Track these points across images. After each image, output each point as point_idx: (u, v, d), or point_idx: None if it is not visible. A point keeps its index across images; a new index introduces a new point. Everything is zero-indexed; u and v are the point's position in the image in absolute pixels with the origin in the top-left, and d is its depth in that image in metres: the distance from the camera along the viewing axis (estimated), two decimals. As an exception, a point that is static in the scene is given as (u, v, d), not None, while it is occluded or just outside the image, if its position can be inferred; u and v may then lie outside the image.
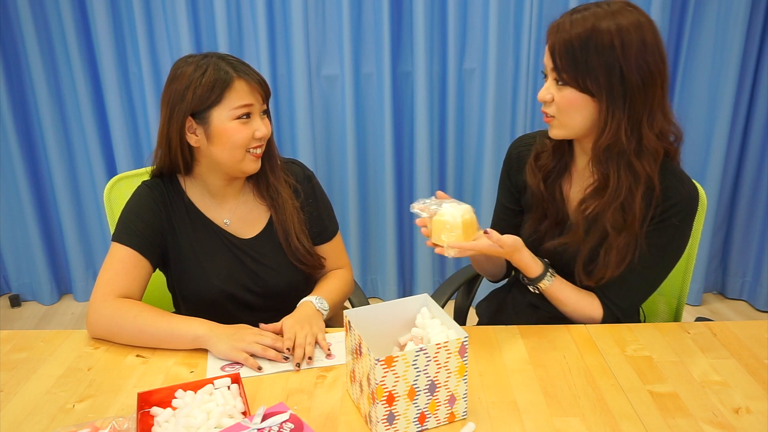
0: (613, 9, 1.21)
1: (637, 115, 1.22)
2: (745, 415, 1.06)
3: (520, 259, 1.32)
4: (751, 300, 2.90)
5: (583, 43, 1.19)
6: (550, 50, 1.23)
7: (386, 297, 2.94)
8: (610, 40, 1.18)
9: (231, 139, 1.29)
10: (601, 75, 1.20)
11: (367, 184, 2.81)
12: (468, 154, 2.76)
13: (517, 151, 1.46)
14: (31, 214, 2.84)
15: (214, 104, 1.28)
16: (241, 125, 1.29)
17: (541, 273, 1.34)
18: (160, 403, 1.05)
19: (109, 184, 1.60)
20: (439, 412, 1.03)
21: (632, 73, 1.19)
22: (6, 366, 1.22)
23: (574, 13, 1.22)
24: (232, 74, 1.28)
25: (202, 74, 1.27)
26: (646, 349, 1.25)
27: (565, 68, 1.22)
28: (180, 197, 1.39)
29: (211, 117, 1.28)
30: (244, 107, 1.29)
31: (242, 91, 1.28)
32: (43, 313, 2.95)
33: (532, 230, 1.41)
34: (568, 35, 1.20)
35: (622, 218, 1.27)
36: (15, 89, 2.71)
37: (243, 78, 1.29)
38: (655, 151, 1.24)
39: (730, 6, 2.47)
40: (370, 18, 2.57)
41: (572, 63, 1.21)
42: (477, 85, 2.65)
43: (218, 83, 1.27)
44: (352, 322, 1.04)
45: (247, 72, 1.30)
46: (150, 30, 2.61)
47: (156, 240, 1.35)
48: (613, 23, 1.18)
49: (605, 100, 1.21)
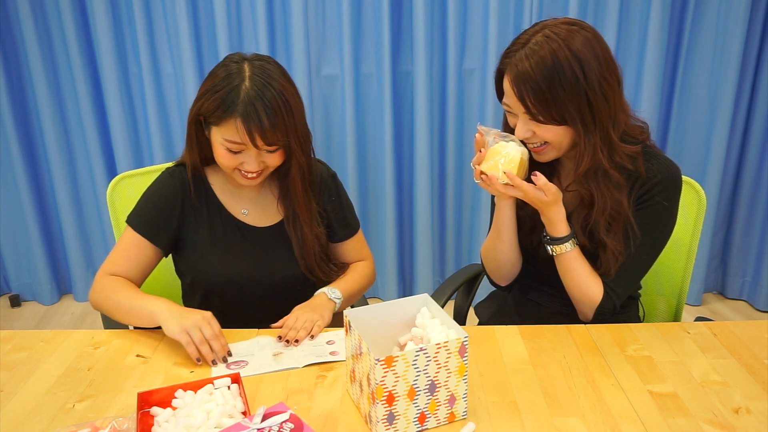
0: (561, 34, 1.20)
1: (605, 128, 1.24)
2: (745, 415, 1.06)
3: (556, 212, 1.30)
4: (751, 300, 2.90)
5: (549, 83, 1.19)
6: (518, 97, 1.22)
7: (386, 297, 2.94)
8: (571, 71, 1.19)
9: (218, 158, 1.32)
10: (571, 105, 1.21)
11: (367, 184, 2.81)
12: (468, 154, 2.75)
13: None
14: (31, 214, 2.84)
15: (214, 123, 1.28)
16: (229, 153, 1.28)
17: (567, 235, 1.32)
18: (160, 403, 1.05)
19: (111, 184, 1.60)
20: (439, 412, 1.03)
21: (596, 94, 1.21)
22: (6, 366, 1.22)
23: (526, 46, 1.22)
24: (236, 110, 1.23)
25: (220, 89, 1.25)
26: (646, 349, 1.25)
27: (540, 111, 1.22)
28: (202, 186, 1.42)
29: (211, 130, 1.31)
30: (232, 143, 1.26)
31: (233, 132, 1.25)
32: (43, 313, 2.95)
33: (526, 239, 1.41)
34: (533, 78, 1.20)
35: (612, 220, 1.29)
36: (15, 89, 2.70)
37: (242, 120, 1.23)
38: (623, 155, 1.26)
39: (730, 6, 2.47)
40: (370, 18, 2.57)
41: (544, 104, 1.21)
42: (477, 85, 2.65)
43: (220, 109, 1.25)
44: (352, 322, 1.04)
45: (252, 116, 1.23)
46: (150, 30, 2.61)
47: (167, 228, 1.39)
48: (569, 52, 1.19)
49: (579, 128, 1.23)
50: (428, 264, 2.85)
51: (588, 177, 1.27)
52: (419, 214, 2.78)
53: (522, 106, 1.23)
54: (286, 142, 1.29)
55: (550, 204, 1.28)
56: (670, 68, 2.63)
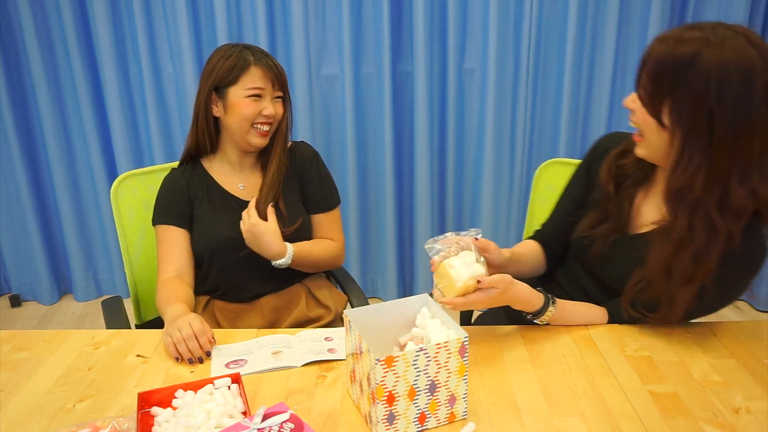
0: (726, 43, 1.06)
1: (723, 166, 1.10)
2: (745, 415, 1.06)
3: (518, 291, 1.22)
4: (751, 300, 2.90)
5: (676, 68, 1.07)
6: (640, 65, 1.13)
7: (386, 297, 2.94)
8: (705, 76, 1.05)
9: (241, 112, 1.48)
10: (684, 110, 1.09)
11: (367, 184, 2.81)
12: (468, 154, 2.76)
13: (605, 146, 1.38)
14: (31, 214, 2.84)
15: (231, 83, 1.48)
16: (252, 102, 1.48)
17: (544, 302, 1.26)
18: (160, 403, 1.05)
19: (115, 183, 1.61)
20: (439, 412, 1.03)
21: (724, 120, 1.06)
22: (6, 366, 1.22)
23: (690, 31, 1.09)
24: (250, 60, 1.48)
25: (226, 59, 1.48)
26: (646, 349, 1.25)
27: (647, 91, 1.12)
28: (201, 174, 1.59)
29: (228, 93, 1.48)
30: (255, 89, 1.48)
31: (256, 76, 1.47)
32: (43, 313, 2.95)
33: (587, 229, 1.34)
34: (663, 58, 1.09)
35: (692, 269, 1.16)
36: (15, 89, 2.71)
37: (259, 65, 1.48)
38: (741, 208, 1.12)
39: (730, 6, 2.47)
40: (370, 18, 2.57)
41: (654, 87, 1.11)
42: (477, 85, 2.65)
43: (237, 66, 1.47)
44: (352, 322, 1.04)
45: (264, 60, 1.49)
46: (150, 30, 2.61)
47: (185, 211, 1.56)
48: (717, 57, 1.05)
49: (681, 139, 1.11)
50: (428, 264, 2.84)
51: (680, 200, 1.15)
52: (419, 214, 2.78)
53: (637, 75, 1.15)
54: (286, 90, 1.54)
55: (508, 289, 1.19)
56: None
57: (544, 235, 1.49)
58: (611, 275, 1.33)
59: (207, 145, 1.57)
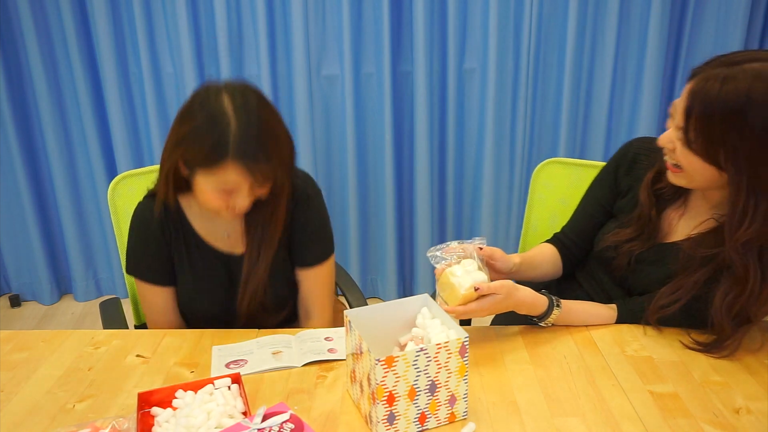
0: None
1: None
2: (745, 415, 1.06)
3: (522, 296, 1.21)
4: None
5: (726, 118, 1.02)
6: (685, 111, 1.06)
7: (386, 297, 2.94)
8: (761, 123, 1.01)
9: (206, 202, 1.23)
10: (742, 157, 1.04)
11: (367, 184, 2.81)
12: (468, 154, 2.76)
13: (633, 153, 1.35)
14: (31, 214, 2.84)
15: (202, 168, 1.18)
16: (220, 196, 1.20)
17: (548, 305, 1.26)
18: (160, 403, 1.05)
19: (112, 184, 1.60)
20: (439, 413, 1.03)
21: None
22: (6, 366, 1.22)
23: (733, 67, 1.05)
24: (228, 153, 1.13)
25: (204, 132, 1.15)
26: (646, 349, 1.25)
27: (696, 139, 1.06)
28: (178, 217, 1.36)
29: (197, 175, 1.20)
30: (226, 187, 1.19)
31: (231, 175, 1.16)
32: (43, 313, 2.95)
33: (615, 243, 1.32)
34: (712, 103, 1.02)
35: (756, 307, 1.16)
36: (15, 89, 2.70)
37: (237, 162, 1.14)
38: None
39: (730, 6, 2.47)
40: (370, 18, 2.57)
41: (706, 136, 1.05)
42: (477, 85, 2.64)
43: (211, 155, 1.14)
44: (352, 322, 1.04)
45: (248, 153, 1.14)
46: (150, 30, 2.61)
47: (167, 265, 1.38)
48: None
49: (745, 187, 1.06)
50: (428, 264, 2.84)
51: (749, 250, 1.10)
52: (419, 214, 2.78)
53: (683, 122, 1.08)
54: (279, 172, 1.23)
55: (510, 294, 1.18)
56: (670, 68, 2.63)
57: (564, 238, 1.47)
58: (637, 283, 1.33)
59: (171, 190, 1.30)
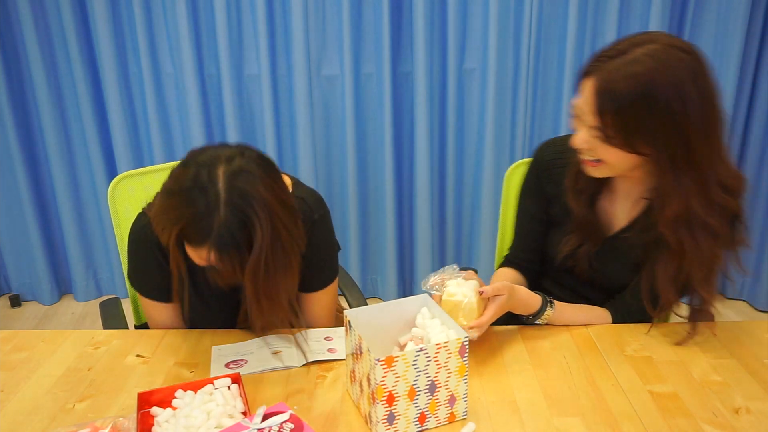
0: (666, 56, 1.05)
1: (702, 171, 1.10)
2: (745, 415, 1.06)
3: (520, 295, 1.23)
4: (751, 300, 2.90)
5: (638, 107, 1.05)
6: (597, 111, 1.08)
7: (386, 297, 2.94)
8: (667, 101, 1.05)
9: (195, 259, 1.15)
10: (661, 138, 1.07)
11: (367, 184, 2.81)
12: (468, 155, 2.75)
13: (547, 160, 1.36)
14: (31, 214, 2.84)
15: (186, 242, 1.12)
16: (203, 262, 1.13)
17: (542, 303, 1.28)
18: (160, 403, 1.05)
19: (112, 184, 1.60)
20: (439, 412, 1.03)
21: (696, 131, 1.06)
22: (6, 366, 1.22)
23: (624, 56, 1.06)
24: (208, 235, 1.07)
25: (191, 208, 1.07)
26: (646, 349, 1.25)
27: (616, 134, 1.08)
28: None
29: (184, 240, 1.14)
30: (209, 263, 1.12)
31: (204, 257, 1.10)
32: (43, 313, 2.95)
33: (569, 252, 1.33)
34: (622, 96, 1.05)
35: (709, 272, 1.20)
36: (15, 89, 2.70)
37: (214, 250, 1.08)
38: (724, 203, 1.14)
39: (730, 6, 2.47)
40: (370, 18, 2.57)
41: (624, 128, 1.07)
42: (477, 85, 2.64)
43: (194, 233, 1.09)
44: (352, 322, 1.04)
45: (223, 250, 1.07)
46: (150, 30, 2.61)
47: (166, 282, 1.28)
48: (670, 78, 1.04)
49: (668, 168, 1.10)
50: (428, 264, 2.85)
51: (680, 225, 1.14)
52: (419, 214, 2.78)
53: (597, 121, 1.09)
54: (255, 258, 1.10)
55: (512, 294, 1.21)
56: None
57: (516, 258, 1.47)
58: (607, 279, 1.35)
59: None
